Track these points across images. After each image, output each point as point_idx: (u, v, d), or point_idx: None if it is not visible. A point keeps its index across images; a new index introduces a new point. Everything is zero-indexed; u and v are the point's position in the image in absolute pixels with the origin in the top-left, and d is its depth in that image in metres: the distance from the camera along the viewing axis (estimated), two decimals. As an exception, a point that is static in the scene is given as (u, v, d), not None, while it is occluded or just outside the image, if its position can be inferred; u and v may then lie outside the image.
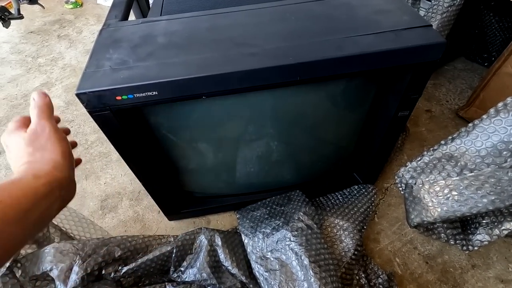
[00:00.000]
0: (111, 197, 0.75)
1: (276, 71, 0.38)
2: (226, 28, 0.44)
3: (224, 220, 0.70)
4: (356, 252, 0.57)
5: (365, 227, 0.60)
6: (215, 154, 0.58)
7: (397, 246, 0.65)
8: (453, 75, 1.07)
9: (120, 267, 0.51)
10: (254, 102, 0.47)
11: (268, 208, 0.62)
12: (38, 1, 1.38)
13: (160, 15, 0.53)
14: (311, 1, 0.49)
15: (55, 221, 0.54)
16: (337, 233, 0.59)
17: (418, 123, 0.90)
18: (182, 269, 0.56)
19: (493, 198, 0.38)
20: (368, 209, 0.63)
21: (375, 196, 0.66)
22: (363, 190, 0.66)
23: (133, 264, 0.51)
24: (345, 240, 0.58)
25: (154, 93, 0.38)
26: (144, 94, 0.38)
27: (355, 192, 0.66)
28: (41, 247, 0.51)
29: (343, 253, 0.56)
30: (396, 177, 0.49)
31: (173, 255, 0.55)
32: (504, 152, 0.37)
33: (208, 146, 0.55)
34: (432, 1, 0.72)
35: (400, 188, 0.48)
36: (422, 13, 0.83)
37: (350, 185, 0.69)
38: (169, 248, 0.55)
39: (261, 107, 0.49)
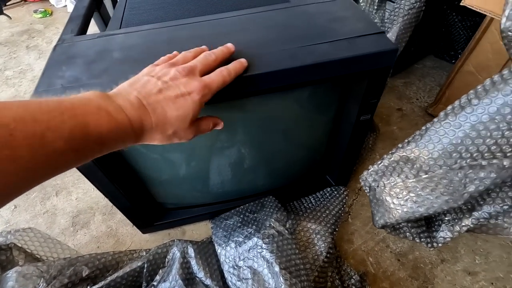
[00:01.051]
0: (83, 212, 0.73)
1: (232, 83, 0.38)
2: (185, 40, 0.44)
3: (199, 230, 0.70)
4: (328, 255, 0.58)
5: (336, 229, 0.61)
6: (187, 164, 0.57)
7: (370, 245, 0.66)
8: (423, 73, 1.10)
9: (88, 287, 0.50)
10: (221, 111, 0.47)
11: (241, 216, 0.62)
12: (4, 12, 1.33)
13: (119, 28, 0.53)
14: (271, 10, 0.49)
15: (19, 243, 0.53)
16: (310, 237, 0.59)
17: (389, 122, 0.93)
18: (154, 283, 0.55)
19: (446, 198, 0.40)
20: (340, 211, 0.64)
21: (346, 197, 0.67)
22: (335, 192, 0.67)
23: (102, 282, 0.50)
24: (317, 244, 0.58)
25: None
26: (97, 112, 0.37)
27: (327, 194, 0.67)
28: (4, 271, 0.49)
29: (316, 256, 0.57)
30: (360, 180, 0.50)
31: (145, 270, 0.54)
32: (454, 154, 0.39)
33: (180, 156, 0.55)
34: (394, 3, 0.74)
35: (366, 191, 0.49)
36: (387, 14, 0.85)
37: (323, 187, 0.70)
38: (140, 263, 0.54)
39: (230, 115, 0.49)
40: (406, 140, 0.44)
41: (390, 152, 0.46)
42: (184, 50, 0.42)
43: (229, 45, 0.39)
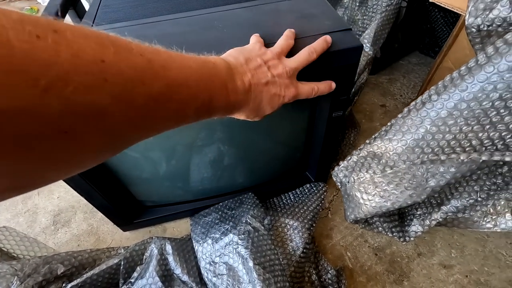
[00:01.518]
0: (64, 211, 0.73)
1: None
2: (152, 38, 0.44)
3: (180, 227, 0.70)
4: (305, 250, 0.58)
5: (314, 224, 0.62)
6: (167, 162, 0.57)
7: (349, 240, 0.67)
8: (407, 70, 1.11)
9: (64, 284, 0.50)
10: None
11: (220, 212, 0.63)
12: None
13: (91, 26, 0.53)
14: (240, 7, 0.49)
15: (-5, 242, 0.53)
16: (287, 233, 0.60)
17: (373, 118, 0.93)
18: (132, 280, 0.55)
19: (410, 192, 0.40)
20: (318, 207, 0.64)
21: (325, 193, 0.67)
22: (314, 189, 0.68)
23: (78, 280, 0.51)
24: (294, 239, 0.59)
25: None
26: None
27: (306, 191, 0.68)
28: (-21, 270, 0.49)
29: (293, 251, 0.58)
30: (333, 176, 0.50)
31: (121, 267, 0.54)
32: (416, 149, 0.39)
33: (160, 154, 0.55)
34: (373, 0, 0.74)
35: (338, 186, 0.50)
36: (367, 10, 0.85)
37: (303, 184, 0.71)
38: (116, 261, 0.54)
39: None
40: (373, 136, 0.44)
41: (359, 148, 0.47)
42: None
43: (328, 38, 0.40)
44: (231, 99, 0.28)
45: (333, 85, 0.41)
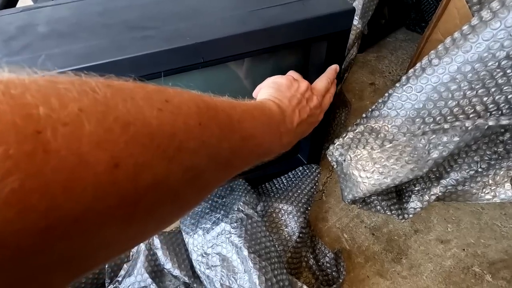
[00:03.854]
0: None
1: (174, 54, 0.34)
2: (121, 10, 0.39)
3: (169, 220, 0.66)
4: (301, 235, 0.56)
5: (309, 208, 0.59)
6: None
7: (345, 222, 0.65)
8: (395, 47, 1.08)
9: (42, 289, 0.46)
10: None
11: (210, 201, 0.60)
12: None
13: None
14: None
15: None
16: (282, 218, 0.57)
17: (362, 97, 0.91)
18: (119, 279, 0.52)
19: (411, 166, 0.38)
20: (312, 189, 0.62)
21: (318, 175, 0.65)
22: (307, 171, 0.65)
23: (58, 283, 0.46)
24: (290, 224, 0.57)
25: (30, 92, 0.32)
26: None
27: (299, 174, 0.65)
28: None
29: (289, 237, 0.55)
30: (327, 156, 0.47)
31: (106, 267, 0.50)
32: (417, 120, 0.37)
33: None
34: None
35: (333, 166, 0.47)
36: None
37: (295, 167, 0.68)
38: (100, 260, 0.50)
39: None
40: (370, 109, 0.41)
41: (354, 123, 0.44)
42: (119, 21, 0.37)
43: (335, 67, 0.42)
44: (284, 141, 0.29)
45: (337, 68, 0.42)
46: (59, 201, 0.09)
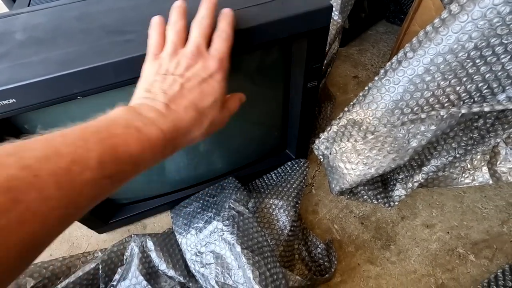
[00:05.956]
0: (30, 220, 0.67)
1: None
2: (98, 15, 0.39)
3: (161, 222, 0.67)
4: (292, 228, 0.57)
5: (299, 201, 0.61)
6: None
7: (335, 213, 0.67)
8: (376, 39, 1.10)
9: (36, 299, 0.46)
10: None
11: (201, 201, 0.60)
12: None
13: (28, 6, 0.46)
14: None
15: None
16: (273, 213, 0.58)
17: (347, 90, 0.93)
18: (114, 283, 0.52)
19: (393, 156, 0.40)
20: (301, 183, 0.63)
21: (307, 169, 0.66)
22: (296, 166, 0.66)
23: (51, 292, 0.46)
24: (281, 219, 0.58)
25: (11, 101, 0.32)
26: (-3, 104, 0.32)
27: (288, 169, 0.66)
28: None
29: (280, 231, 0.56)
30: (314, 150, 0.48)
31: (100, 271, 0.50)
32: (396, 111, 0.38)
33: None
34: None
35: (320, 159, 0.49)
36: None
37: (284, 162, 0.69)
38: (93, 265, 0.50)
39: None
40: (351, 103, 0.43)
41: (338, 117, 0.45)
42: (98, 25, 0.37)
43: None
44: (150, 133, 0.25)
45: (230, 11, 0.33)
46: None
